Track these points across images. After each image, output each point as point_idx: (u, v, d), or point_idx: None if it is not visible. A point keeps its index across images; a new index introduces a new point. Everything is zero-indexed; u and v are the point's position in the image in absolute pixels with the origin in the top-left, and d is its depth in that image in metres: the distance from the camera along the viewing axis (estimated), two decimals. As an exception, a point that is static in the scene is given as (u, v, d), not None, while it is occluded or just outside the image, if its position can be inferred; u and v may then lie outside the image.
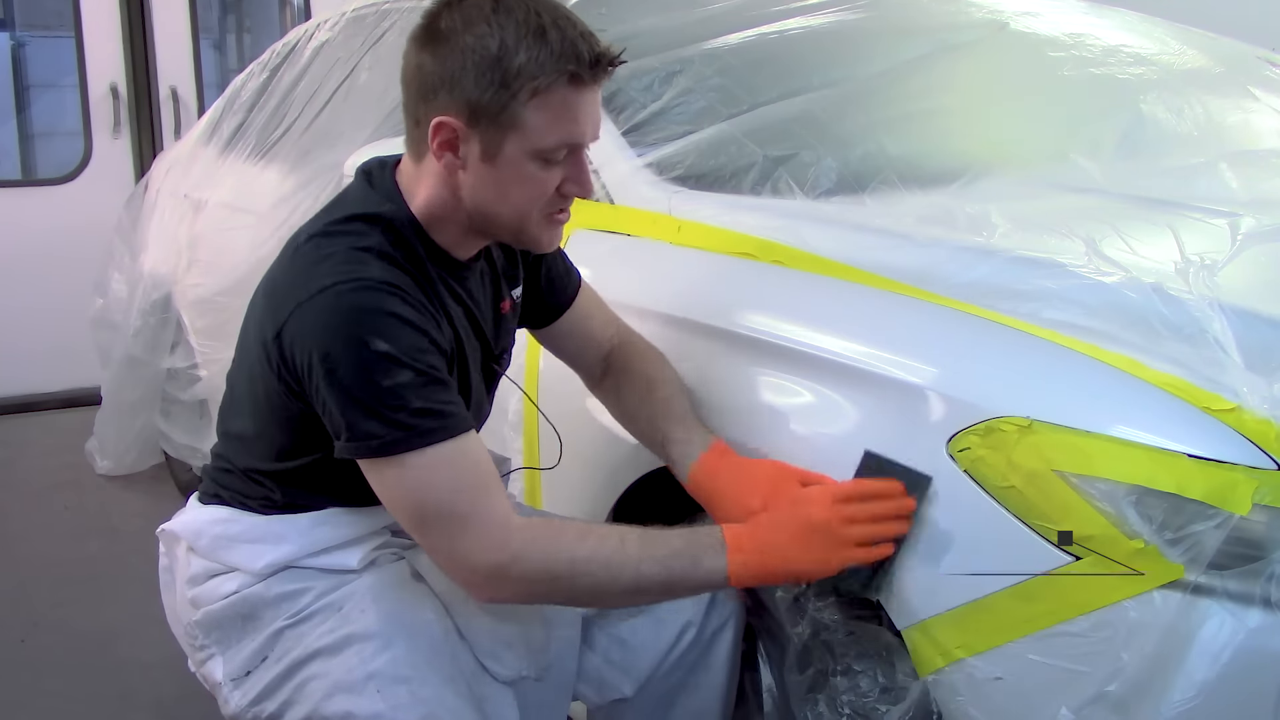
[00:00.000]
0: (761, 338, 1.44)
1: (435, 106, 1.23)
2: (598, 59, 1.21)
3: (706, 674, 1.53)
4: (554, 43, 1.19)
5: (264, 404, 1.31)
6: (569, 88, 1.21)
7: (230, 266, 2.72)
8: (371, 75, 2.57)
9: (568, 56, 1.19)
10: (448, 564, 1.24)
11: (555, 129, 1.22)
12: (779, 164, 1.74)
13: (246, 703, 1.36)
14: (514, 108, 1.20)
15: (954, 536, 1.19)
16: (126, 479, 3.64)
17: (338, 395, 1.18)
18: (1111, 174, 1.78)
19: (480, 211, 1.28)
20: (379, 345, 1.17)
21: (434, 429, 1.19)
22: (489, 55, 1.19)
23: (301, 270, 1.24)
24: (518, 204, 1.26)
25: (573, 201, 1.30)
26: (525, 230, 1.30)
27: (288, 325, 1.21)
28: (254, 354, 1.29)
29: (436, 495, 1.20)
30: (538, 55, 1.18)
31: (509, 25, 1.19)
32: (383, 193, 1.31)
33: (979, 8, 2.38)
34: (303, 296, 1.21)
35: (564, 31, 1.20)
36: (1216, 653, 1.05)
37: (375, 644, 1.30)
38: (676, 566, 1.23)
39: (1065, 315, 1.24)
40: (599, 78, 1.23)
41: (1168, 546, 1.08)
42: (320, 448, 1.29)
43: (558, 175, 1.26)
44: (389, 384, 1.17)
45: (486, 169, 1.24)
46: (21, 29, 5.32)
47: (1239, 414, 1.10)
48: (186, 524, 1.43)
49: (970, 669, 1.16)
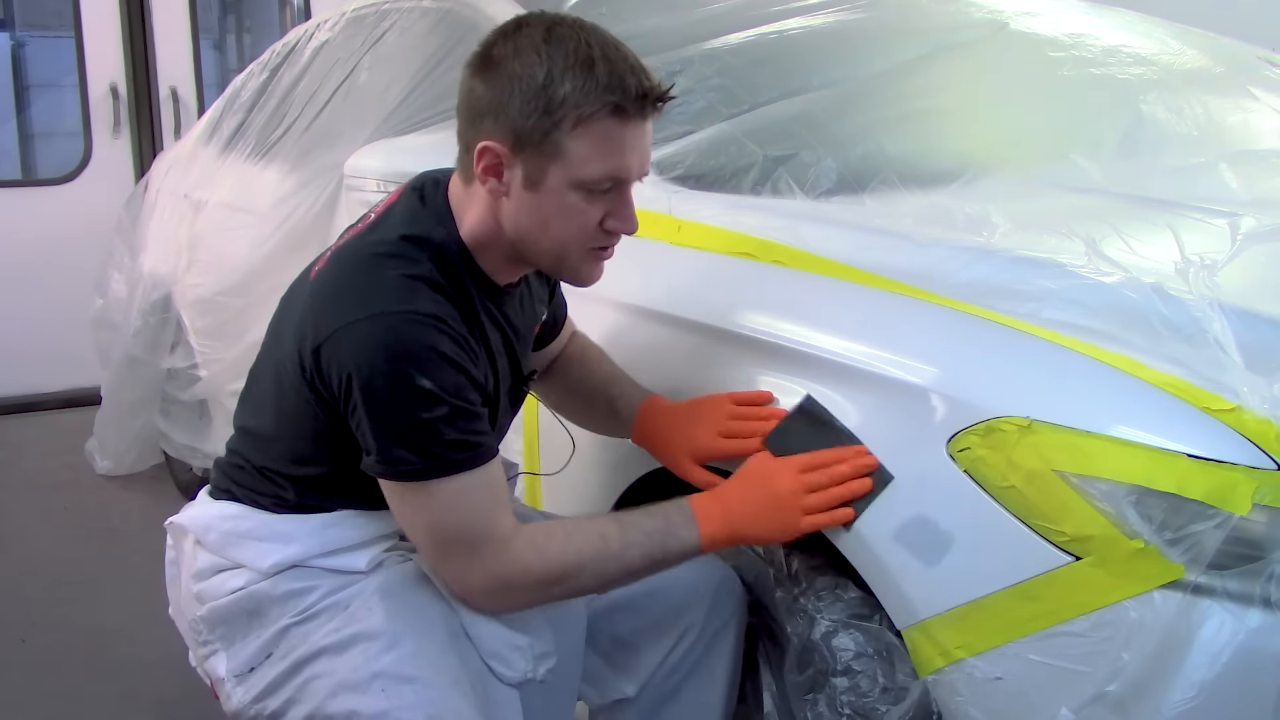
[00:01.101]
0: (761, 338, 1.44)
1: (482, 131, 1.24)
2: (644, 93, 1.22)
3: (707, 674, 1.53)
4: (601, 74, 1.20)
5: (289, 409, 1.32)
6: (613, 119, 1.21)
7: (230, 266, 2.72)
8: (371, 75, 2.57)
9: (613, 88, 1.20)
10: (455, 583, 1.30)
11: (597, 160, 1.23)
12: (779, 164, 1.74)
13: (249, 699, 1.36)
14: (557, 136, 1.21)
15: (954, 536, 1.19)
16: (126, 479, 3.64)
17: (374, 420, 1.21)
18: (1111, 174, 1.78)
19: (521, 239, 1.29)
20: (422, 382, 1.20)
21: (462, 460, 1.23)
22: (535, 83, 1.20)
23: (352, 289, 1.25)
24: (558, 235, 1.28)
25: (619, 239, 1.31)
26: (565, 262, 1.32)
27: (329, 342, 1.23)
28: (287, 355, 1.30)
29: (454, 519, 1.25)
30: (583, 85, 1.20)
31: (558, 55, 1.20)
32: (434, 214, 1.32)
33: (979, 8, 2.38)
34: (350, 318, 1.22)
35: (613, 64, 1.21)
36: (1216, 653, 1.05)
37: (381, 643, 1.30)
38: (655, 546, 1.30)
39: (1065, 315, 1.24)
40: (645, 112, 1.24)
41: (1168, 546, 1.08)
42: (339, 458, 1.31)
43: (600, 209, 1.27)
44: (427, 417, 1.21)
45: (529, 197, 1.25)
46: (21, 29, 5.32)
47: (1239, 414, 1.10)
48: (195, 518, 1.43)
49: (970, 669, 1.16)
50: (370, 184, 1.97)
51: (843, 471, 1.26)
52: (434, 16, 2.43)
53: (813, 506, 1.27)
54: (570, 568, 1.28)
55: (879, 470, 1.25)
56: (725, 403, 1.42)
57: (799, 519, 1.28)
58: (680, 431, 1.45)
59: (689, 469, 1.44)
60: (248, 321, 2.61)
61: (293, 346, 1.28)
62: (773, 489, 1.30)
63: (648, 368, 1.57)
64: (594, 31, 1.23)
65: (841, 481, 1.26)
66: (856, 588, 1.36)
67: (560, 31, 1.22)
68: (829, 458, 1.28)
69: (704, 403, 1.45)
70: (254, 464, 1.39)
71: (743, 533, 1.31)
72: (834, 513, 1.26)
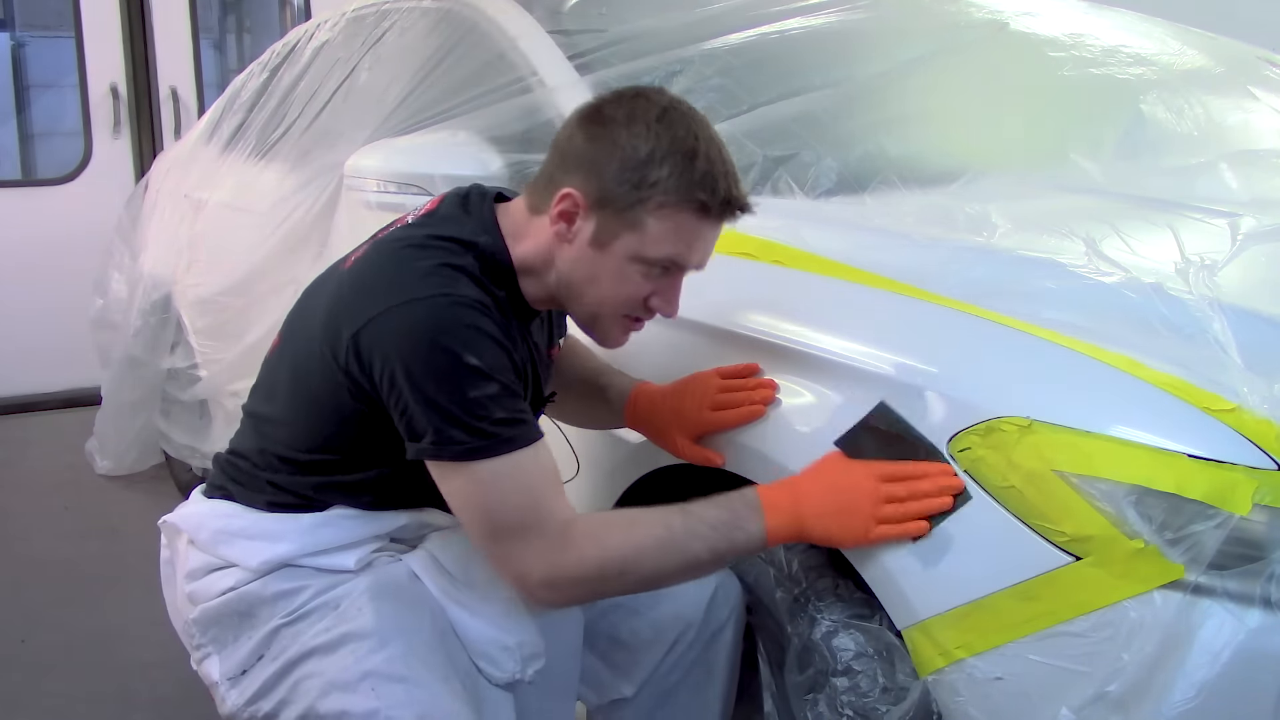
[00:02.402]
0: (761, 337, 1.44)
1: (571, 179, 1.28)
2: (729, 200, 1.28)
3: (706, 674, 1.53)
4: (699, 170, 1.25)
5: (312, 395, 1.32)
6: (695, 214, 1.27)
7: (230, 266, 2.72)
8: (371, 75, 2.57)
9: (705, 187, 1.25)
10: (511, 574, 1.28)
11: (667, 244, 1.27)
12: (779, 164, 1.74)
13: (243, 702, 1.36)
14: (639, 211, 1.26)
15: (954, 536, 1.19)
16: (126, 479, 3.64)
17: (423, 403, 1.21)
18: (1111, 174, 1.78)
19: (568, 286, 1.32)
20: (470, 359, 1.21)
21: (514, 437, 1.23)
22: (638, 157, 1.25)
23: (393, 276, 1.26)
24: (603, 295, 1.31)
25: (654, 316, 1.35)
26: (599, 320, 1.35)
27: (370, 327, 1.23)
28: (313, 344, 1.30)
29: (509, 500, 1.24)
30: (680, 174, 1.25)
31: (665, 137, 1.25)
32: (479, 223, 1.33)
33: (979, 8, 2.38)
34: (393, 301, 1.23)
35: (712, 164, 1.26)
36: (1216, 653, 1.05)
37: (371, 642, 1.30)
38: (720, 539, 1.26)
39: (1065, 315, 1.24)
40: (725, 216, 1.29)
41: (1168, 546, 1.08)
42: (353, 447, 1.32)
43: (650, 286, 1.31)
44: (476, 395, 1.21)
45: (591, 253, 1.29)
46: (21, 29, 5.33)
47: (1239, 414, 1.10)
48: (188, 516, 1.44)
49: (970, 669, 1.16)
50: (370, 184, 1.97)
51: (925, 488, 1.21)
52: (434, 16, 2.43)
53: (888, 517, 1.22)
54: (630, 559, 1.25)
55: (962, 490, 1.20)
56: (713, 377, 1.43)
57: (872, 527, 1.22)
58: (671, 409, 1.46)
59: (683, 446, 1.45)
60: (248, 321, 2.61)
61: (324, 334, 1.28)
62: (849, 492, 1.24)
63: (648, 367, 1.57)
64: (704, 126, 1.28)
65: (921, 497, 1.21)
66: (856, 588, 1.36)
67: (674, 116, 1.27)
68: (913, 470, 1.22)
69: (692, 380, 1.46)
70: (257, 447, 1.39)
71: (810, 530, 1.26)
72: (907, 525, 1.21)
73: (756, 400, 1.39)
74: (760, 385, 1.40)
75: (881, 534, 1.22)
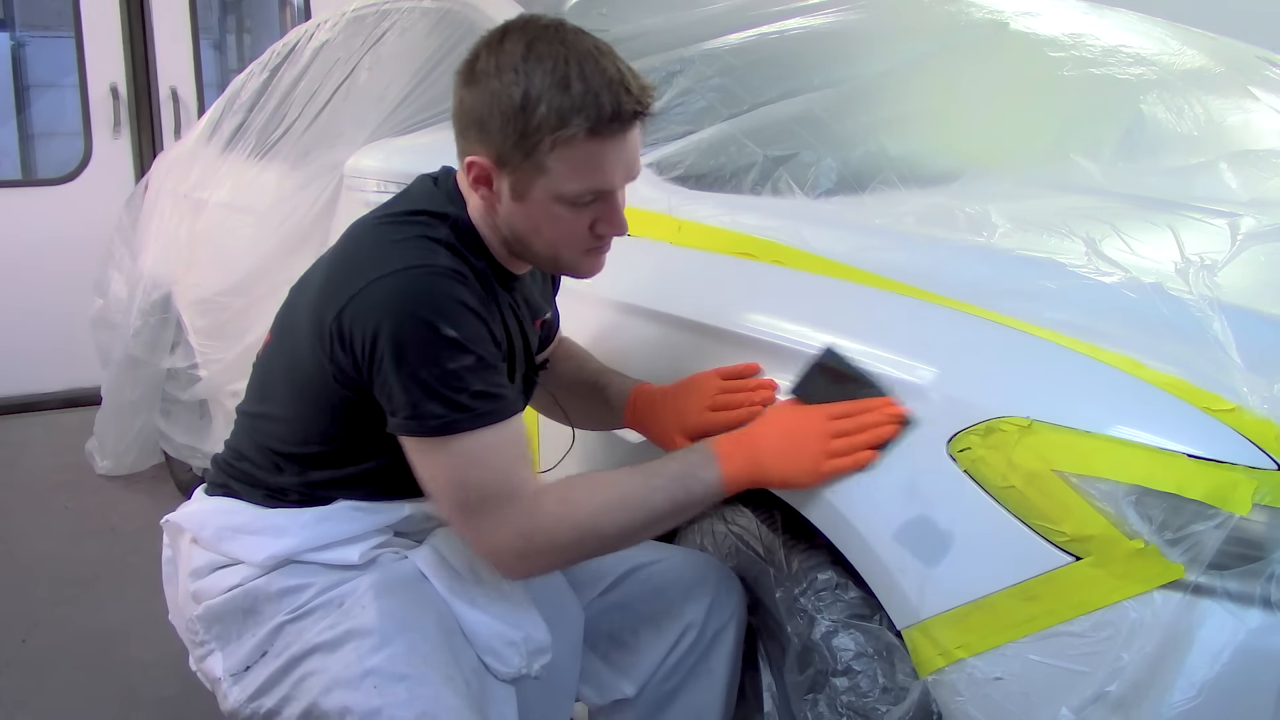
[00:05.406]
0: (761, 337, 1.44)
1: (469, 145, 1.28)
2: (619, 111, 1.22)
3: (707, 674, 1.53)
4: (576, 95, 1.21)
5: (305, 387, 1.32)
6: (590, 140, 1.23)
7: (230, 267, 2.72)
8: (371, 75, 2.57)
9: (588, 111, 1.21)
10: (483, 546, 1.29)
11: (578, 178, 1.25)
12: (779, 164, 1.74)
13: (245, 698, 1.36)
14: (537, 156, 1.23)
15: (954, 536, 1.19)
16: (126, 479, 3.64)
17: (402, 375, 1.21)
18: (1111, 174, 1.78)
19: (517, 240, 1.33)
20: (447, 331, 1.21)
21: (489, 411, 1.24)
22: (513, 105, 1.22)
23: (369, 253, 1.27)
24: (549, 239, 1.31)
25: (610, 238, 1.33)
26: (561, 261, 1.35)
27: (351, 304, 1.24)
28: (301, 336, 1.31)
29: (482, 475, 1.25)
30: (558, 107, 1.20)
31: (535, 74, 1.21)
32: (446, 194, 1.35)
33: (979, 8, 2.38)
34: (372, 276, 1.23)
35: (589, 83, 1.21)
36: (1216, 653, 1.05)
37: (374, 640, 1.30)
38: (678, 488, 1.30)
39: (1065, 315, 1.24)
40: (625, 127, 1.24)
41: (1168, 546, 1.08)
42: (349, 438, 1.33)
43: (588, 216, 1.29)
44: (453, 367, 1.21)
45: (517, 206, 1.29)
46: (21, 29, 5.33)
47: (1239, 414, 1.10)
48: (191, 515, 1.44)
49: (970, 669, 1.16)
50: (370, 184, 1.97)
51: (871, 420, 1.26)
52: (434, 16, 2.43)
53: (837, 450, 1.27)
54: (599, 520, 1.28)
55: (905, 417, 1.25)
56: (713, 378, 1.44)
57: (823, 462, 1.27)
58: (671, 410, 1.47)
59: (683, 446, 1.44)
60: (248, 321, 2.62)
61: (310, 324, 1.29)
62: (799, 432, 1.30)
63: (648, 367, 1.57)
64: (575, 45, 1.23)
65: (868, 429, 1.26)
66: (856, 588, 1.36)
67: (540, 48, 1.22)
68: (857, 408, 1.27)
69: (692, 380, 1.47)
70: (256, 444, 1.39)
71: (766, 473, 1.31)
72: (858, 455, 1.26)
73: (756, 400, 1.39)
74: (760, 385, 1.40)
75: (833, 467, 1.27)
